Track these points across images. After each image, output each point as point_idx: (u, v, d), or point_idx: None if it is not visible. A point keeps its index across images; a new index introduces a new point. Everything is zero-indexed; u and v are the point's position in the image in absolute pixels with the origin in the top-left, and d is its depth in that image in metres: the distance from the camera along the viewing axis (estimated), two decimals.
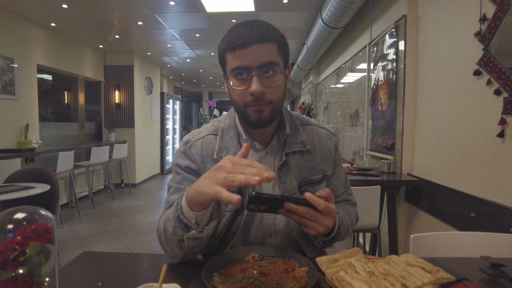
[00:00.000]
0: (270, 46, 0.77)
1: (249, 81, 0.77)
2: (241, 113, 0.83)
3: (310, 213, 0.70)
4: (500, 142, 1.47)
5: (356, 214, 0.97)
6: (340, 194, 0.97)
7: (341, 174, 0.98)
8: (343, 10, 3.02)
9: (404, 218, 2.38)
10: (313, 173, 0.90)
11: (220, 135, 0.90)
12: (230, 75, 0.80)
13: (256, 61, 0.76)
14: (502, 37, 1.47)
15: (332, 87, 4.81)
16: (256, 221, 0.88)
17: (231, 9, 3.85)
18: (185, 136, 0.95)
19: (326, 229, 0.73)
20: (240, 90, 0.79)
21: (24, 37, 4.09)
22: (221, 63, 0.85)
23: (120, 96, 6.20)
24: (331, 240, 0.81)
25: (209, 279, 0.61)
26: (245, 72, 0.78)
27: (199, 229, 0.70)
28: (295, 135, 0.91)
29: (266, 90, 0.78)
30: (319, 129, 0.97)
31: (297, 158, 0.89)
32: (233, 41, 0.77)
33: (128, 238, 3.60)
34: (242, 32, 0.76)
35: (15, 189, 2.38)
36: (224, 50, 0.80)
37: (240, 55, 0.76)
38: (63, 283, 0.61)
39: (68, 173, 4.28)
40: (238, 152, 0.83)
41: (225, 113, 1.01)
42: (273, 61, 0.77)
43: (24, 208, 0.50)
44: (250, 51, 0.76)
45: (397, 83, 2.40)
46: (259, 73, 0.77)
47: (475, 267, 0.73)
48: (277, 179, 0.87)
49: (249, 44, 0.75)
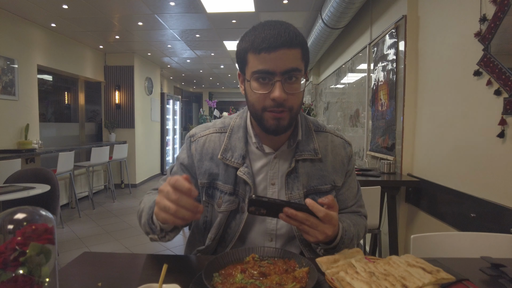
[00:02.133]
0: (295, 52, 0.75)
1: (271, 86, 0.75)
2: (258, 117, 0.80)
3: (309, 219, 0.69)
4: (500, 142, 1.47)
5: (365, 226, 0.93)
6: (349, 205, 0.94)
7: (352, 185, 0.95)
8: (343, 11, 3.02)
9: (404, 218, 2.38)
10: (322, 183, 0.87)
11: (229, 134, 0.88)
12: (252, 78, 0.76)
13: (281, 67, 0.73)
14: (502, 38, 1.47)
15: (332, 88, 4.81)
16: (258, 225, 0.86)
17: (231, 10, 3.85)
18: (192, 130, 0.94)
19: (326, 237, 0.71)
20: (260, 94, 0.76)
21: (24, 38, 4.09)
22: (239, 62, 0.81)
23: (120, 96, 6.21)
24: (333, 249, 0.79)
25: (209, 280, 0.61)
26: (268, 77, 0.75)
27: (161, 235, 0.77)
28: (308, 142, 0.88)
29: (288, 96, 0.75)
30: (334, 137, 0.93)
31: (307, 165, 0.86)
32: (258, 43, 0.73)
33: (128, 238, 3.60)
34: (269, 35, 0.73)
35: (15, 190, 2.38)
36: (246, 50, 0.77)
37: (264, 59, 0.73)
38: (63, 284, 0.61)
39: (68, 174, 4.28)
40: (243, 153, 0.85)
41: (225, 113, 1.02)
42: (297, 67, 0.75)
43: (24, 208, 0.50)
44: (276, 56, 0.73)
45: (397, 84, 2.40)
46: (283, 79, 0.74)
47: (476, 268, 0.73)
48: (284, 185, 0.85)
49: (276, 48, 0.72)
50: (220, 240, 0.87)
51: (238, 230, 0.85)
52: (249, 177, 0.83)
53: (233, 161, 0.85)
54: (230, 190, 0.84)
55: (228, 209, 0.84)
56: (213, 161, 0.87)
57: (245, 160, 0.84)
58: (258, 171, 0.86)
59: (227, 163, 0.85)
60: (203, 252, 0.89)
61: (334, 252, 0.81)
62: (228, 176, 0.85)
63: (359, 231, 0.87)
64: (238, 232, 0.85)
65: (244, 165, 0.84)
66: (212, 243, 0.86)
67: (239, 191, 0.85)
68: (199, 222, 0.91)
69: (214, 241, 0.86)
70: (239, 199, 0.85)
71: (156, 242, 0.83)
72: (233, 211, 0.85)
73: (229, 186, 0.84)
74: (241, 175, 0.83)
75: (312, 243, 0.80)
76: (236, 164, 0.84)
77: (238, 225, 0.85)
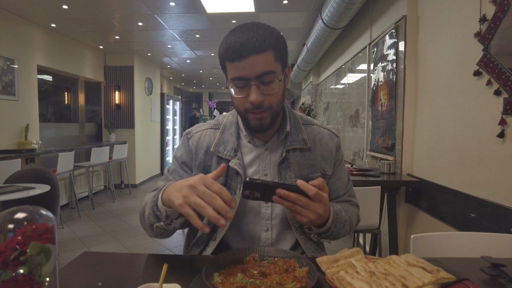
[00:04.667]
0: (266, 55, 0.78)
1: (248, 90, 0.80)
2: (243, 118, 0.86)
3: (301, 199, 0.72)
4: (500, 142, 1.47)
5: (357, 214, 0.97)
6: (341, 195, 0.98)
7: (342, 175, 0.99)
8: (343, 11, 3.02)
9: (404, 218, 2.38)
10: (313, 171, 0.92)
11: (222, 130, 0.94)
12: (231, 84, 0.82)
13: (253, 72, 0.77)
14: (502, 38, 1.47)
15: (332, 88, 4.81)
16: (253, 217, 0.89)
17: (231, 10, 3.85)
18: (188, 129, 1.00)
19: (318, 217, 0.75)
20: (240, 98, 0.81)
21: (24, 38, 4.09)
22: (222, 67, 0.87)
23: (120, 96, 6.21)
24: (326, 232, 0.82)
25: (210, 279, 0.61)
26: (243, 82, 0.79)
27: (167, 222, 0.77)
28: (297, 133, 0.93)
29: (264, 97, 0.80)
30: (322, 129, 0.99)
31: (297, 155, 0.91)
32: (230, 52, 0.78)
33: (128, 238, 3.60)
34: (239, 43, 0.76)
35: (15, 190, 2.38)
36: (223, 58, 0.81)
37: (237, 66, 0.78)
38: (63, 283, 0.61)
39: (68, 174, 4.28)
40: (235, 147, 0.89)
41: (225, 113, 1.05)
42: (270, 69, 0.79)
43: (25, 208, 0.50)
44: (247, 63, 0.77)
45: (397, 84, 2.40)
46: (257, 82, 0.79)
47: (476, 267, 0.73)
48: (277, 174, 0.89)
49: (245, 56, 0.76)
50: (212, 232, 0.90)
51: (229, 221, 0.86)
52: (241, 168, 0.87)
53: (226, 153, 0.90)
54: (222, 182, 0.88)
55: None
56: (207, 154, 0.92)
57: (237, 153, 0.89)
58: (250, 163, 0.91)
59: (220, 155, 0.90)
60: (195, 244, 0.92)
61: (326, 236, 0.85)
62: None
63: (351, 218, 0.91)
64: (228, 223, 0.87)
65: (236, 157, 0.89)
66: (203, 235, 0.91)
67: (231, 184, 0.89)
68: None
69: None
70: (230, 191, 0.89)
71: (161, 235, 0.82)
72: None
73: (221, 178, 0.88)
74: (233, 165, 0.87)
75: (305, 225, 0.84)
76: (228, 156, 0.89)
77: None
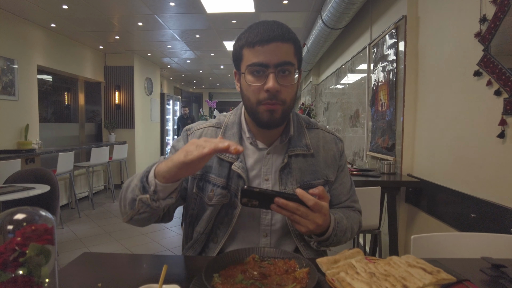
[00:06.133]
0: (288, 46, 0.78)
1: (265, 78, 0.78)
2: (253, 111, 0.82)
3: (300, 209, 0.70)
4: (501, 142, 1.47)
5: (359, 221, 0.95)
6: (343, 200, 0.95)
7: (345, 180, 0.96)
8: (343, 11, 3.02)
9: (404, 219, 2.38)
10: (315, 178, 0.89)
11: (223, 130, 0.91)
12: (246, 71, 0.80)
13: (274, 59, 0.76)
14: (502, 38, 1.47)
15: (332, 88, 4.81)
16: (252, 221, 0.87)
17: (231, 10, 3.85)
18: (188, 126, 0.97)
19: (317, 227, 0.73)
20: (255, 86, 0.79)
21: (24, 38, 4.09)
22: (235, 60, 0.85)
23: (120, 97, 6.21)
24: (326, 241, 0.80)
25: (210, 280, 0.61)
26: (262, 69, 0.78)
27: (153, 197, 0.71)
28: (300, 138, 0.90)
29: (281, 88, 0.78)
30: (326, 134, 0.96)
31: (300, 161, 0.88)
32: (252, 37, 0.77)
33: (128, 239, 3.60)
34: (262, 29, 0.77)
35: (15, 190, 2.37)
36: (242, 46, 0.80)
37: (258, 52, 0.77)
38: (63, 284, 0.61)
39: (68, 174, 4.28)
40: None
41: (225, 113, 1.03)
42: (290, 61, 0.79)
43: (24, 208, 0.50)
44: (269, 49, 0.76)
45: (397, 84, 2.40)
46: (276, 71, 0.77)
47: (476, 268, 0.73)
48: (278, 180, 0.86)
49: (269, 41, 0.76)
50: (212, 236, 0.87)
51: (231, 225, 0.85)
52: (243, 171, 0.85)
53: (228, 155, 0.86)
54: (223, 184, 0.86)
55: (219, 203, 0.85)
56: None
57: (239, 155, 0.87)
58: (252, 167, 0.88)
59: (222, 157, 0.87)
60: (191, 247, 0.89)
61: (327, 244, 0.82)
62: (222, 170, 0.86)
63: (353, 225, 0.89)
64: (230, 227, 0.85)
65: (238, 160, 0.86)
66: (201, 237, 0.87)
67: (231, 186, 0.86)
68: (186, 215, 0.93)
69: (203, 235, 0.87)
70: (231, 193, 0.86)
71: (139, 215, 0.74)
72: (225, 206, 0.86)
73: (222, 180, 0.86)
74: (236, 169, 0.85)
75: (304, 234, 0.81)
76: (231, 158, 0.86)
77: (230, 220, 0.86)
